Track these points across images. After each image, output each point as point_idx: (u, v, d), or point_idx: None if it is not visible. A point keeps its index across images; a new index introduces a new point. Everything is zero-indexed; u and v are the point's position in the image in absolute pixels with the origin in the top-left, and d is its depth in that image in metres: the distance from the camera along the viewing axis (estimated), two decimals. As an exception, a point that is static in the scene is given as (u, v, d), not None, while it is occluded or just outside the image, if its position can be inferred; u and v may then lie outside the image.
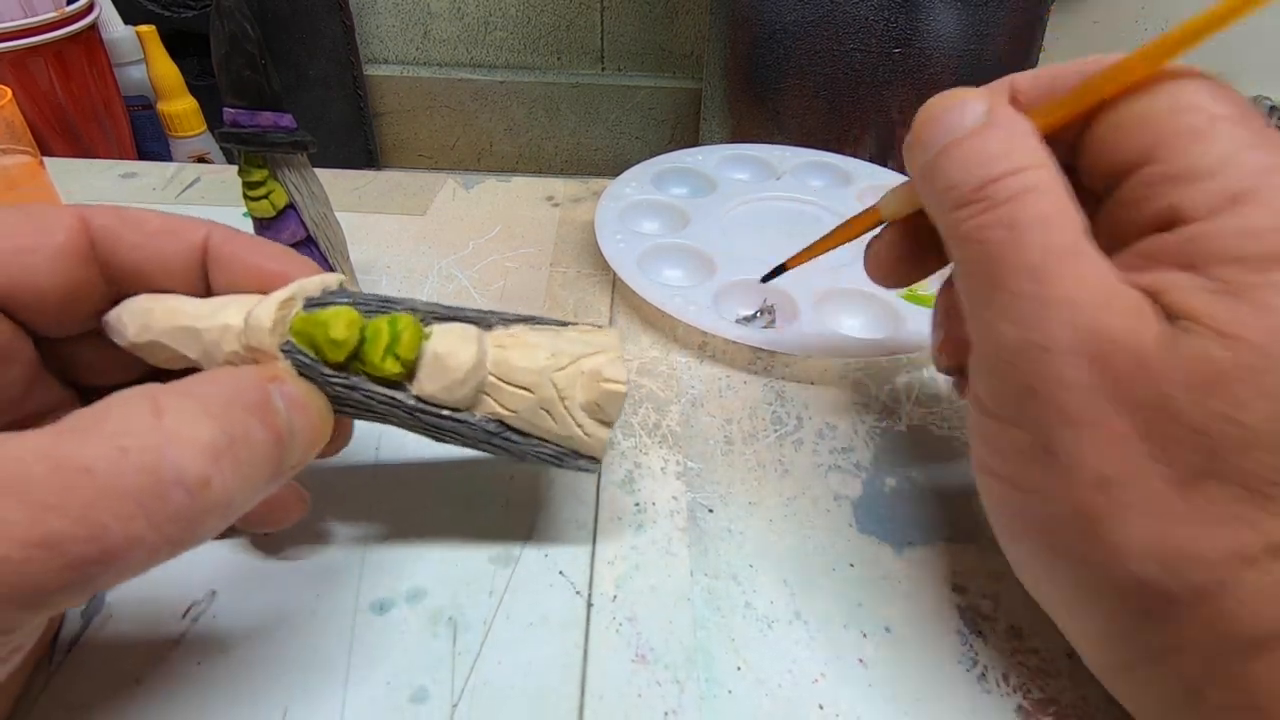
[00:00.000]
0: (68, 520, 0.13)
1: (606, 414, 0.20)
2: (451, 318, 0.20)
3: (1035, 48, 0.87)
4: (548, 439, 0.20)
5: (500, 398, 0.20)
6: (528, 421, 0.20)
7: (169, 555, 0.14)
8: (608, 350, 0.20)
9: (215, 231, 0.19)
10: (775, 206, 0.39)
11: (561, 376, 0.20)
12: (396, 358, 0.18)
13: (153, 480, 0.14)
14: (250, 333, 0.18)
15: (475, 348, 0.19)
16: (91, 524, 0.13)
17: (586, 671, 0.20)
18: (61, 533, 0.13)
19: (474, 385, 0.19)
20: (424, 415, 0.19)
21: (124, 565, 0.13)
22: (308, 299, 0.19)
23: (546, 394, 0.20)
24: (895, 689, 0.20)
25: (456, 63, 1.34)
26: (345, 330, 0.18)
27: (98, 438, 0.14)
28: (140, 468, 0.13)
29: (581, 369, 0.20)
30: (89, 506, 0.13)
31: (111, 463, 0.13)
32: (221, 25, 0.27)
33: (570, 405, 0.20)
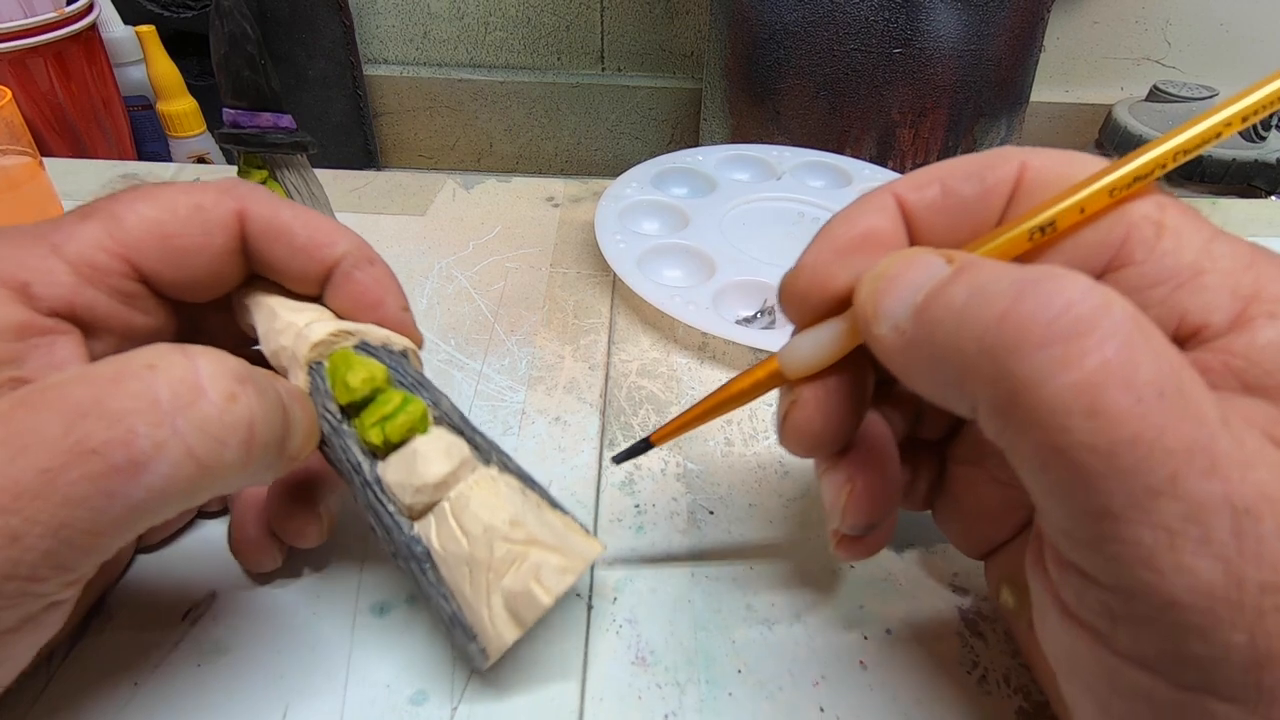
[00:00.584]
0: (100, 424, 0.14)
1: (520, 615, 0.18)
2: (463, 431, 0.20)
3: (1035, 48, 0.87)
4: (455, 599, 0.18)
5: (441, 529, 0.18)
6: (449, 569, 0.18)
7: (195, 480, 0.15)
8: (569, 557, 0.18)
9: (348, 257, 0.21)
10: (775, 207, 0.39)
11: (503, 549, 0.18)
12: (383, 431, 0.19)
13: (183, 389, 0.15)
14: (300, 338, 0.19)
15: (449, 469, 0.18)
16: (122, 428, 0.14)
17: (586, 674, 0.20)
18: (93, 435, 0.14)
19: (426, 499, 0.18)
20: (372, 495, 0.19)
21: (154, 480, 0.14)
22: (364, 343, 0.20)
23: (480, 555, 0.18)
24: (896, 691, 0.20)
25: (456, 63, 1.34)
26: (360, 382, 0.19)
27: (129, 361, 0.15)
28: (169, 380, 0.15)
29: (527, 555, 0.18)
30: (120, 412, 0.14)
31: (141, 378, 0.14)
32: (221, 25, 0.27)
33: (493, 582, 0.18)
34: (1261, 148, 1.01)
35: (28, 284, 0.17)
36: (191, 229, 0.19)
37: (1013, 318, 0.12)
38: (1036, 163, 0.16)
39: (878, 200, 0.17)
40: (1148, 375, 0.12)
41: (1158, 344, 0.12)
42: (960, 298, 0.13)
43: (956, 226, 0.17)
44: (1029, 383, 0.12)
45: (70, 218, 0.18)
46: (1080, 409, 0.12)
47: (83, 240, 0.18)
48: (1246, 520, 0.11)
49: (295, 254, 0.20)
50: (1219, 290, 0.14)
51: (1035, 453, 0.12)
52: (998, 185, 0.16)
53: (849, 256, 0.17)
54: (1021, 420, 0.12)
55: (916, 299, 0.14)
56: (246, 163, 0.30)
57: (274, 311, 0.20)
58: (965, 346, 0.13)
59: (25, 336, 0.16)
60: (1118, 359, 0.12)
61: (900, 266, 0.15)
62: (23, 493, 0.13)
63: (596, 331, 0.32)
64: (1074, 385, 0.12)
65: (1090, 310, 0.12)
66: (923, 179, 0.17)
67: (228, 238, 0.19)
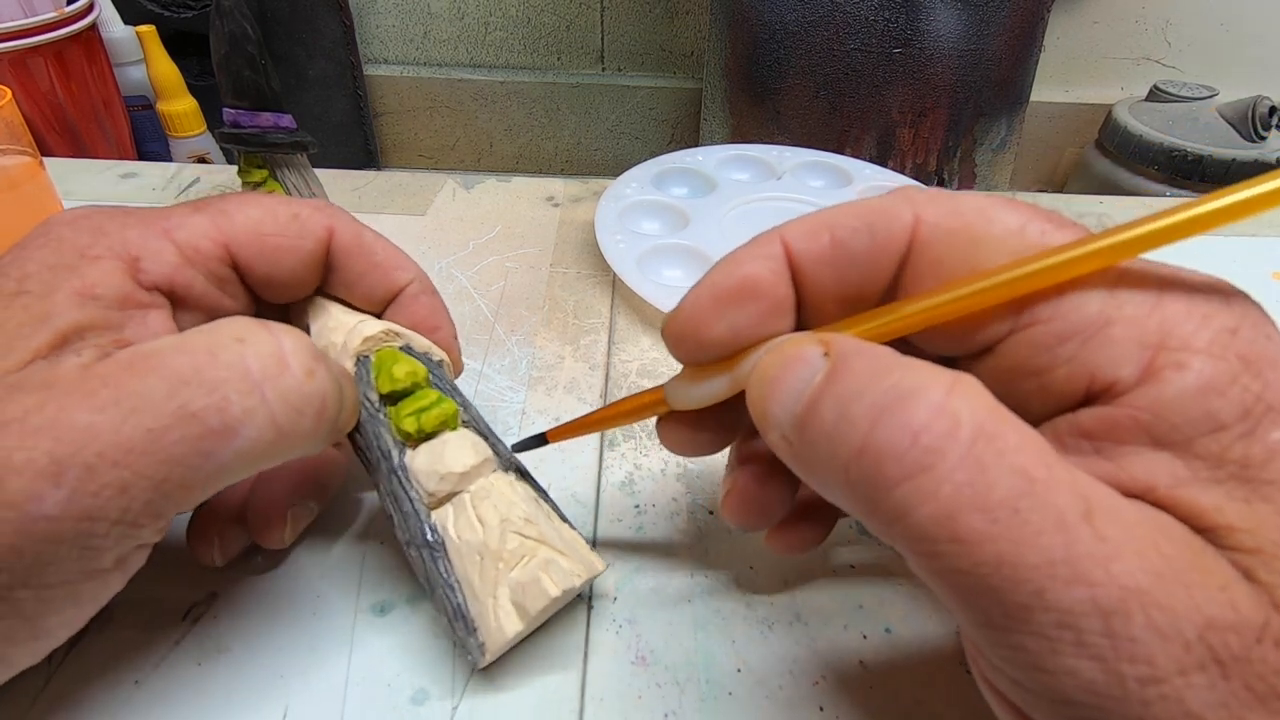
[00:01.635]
0: (200, 391, 0.15)
1: (526, 606, 0.18)
2: (487, 438, 0.21)
3: (1035, 48, 0.87)
4: (461, 591, 0.19)
5: (459, 518, 0.19)
6: (461, 557, 0.19)
7: (274, 444, 0.17)
8: (575, 564, 0.19)
9: (416, 283, 0.23)
10: (775, 207, 0.39)
11: (515, 541, 0.19)
12: (418, 420, 0.20)
13: (270, 362, 0.16)
14: (353, 332, 0.21)
15: (475, 461, 0.20)
16: (219, 395, 0.16)
17: (586, 673, 0.20)
18: (194, 401, 0.15)
19: (449, 488, 0.19)
20: (396, 481, 0.20)
21: (242, 444, 0.16)
22: (408, 346, 0.22)
23: (493, 544, 0.19)
24: (896, 691, 0.20)
25: (456, 63, 1.34)
26: (404, 374, 0.20)
27: (218, 332, 0.17)
28: (258, 353, 0.16)
29: (536, 553, 0.19)
30: (216, 381, 0.16)
31: (233, 350, 0.16)
32: (221, 25, 0.27)
33: (502, 573, 0.18)
34: (1261, 148, 1.01)
35: (139, 259, 0.18)
36: (287, 232, 0.21)
37: (870, 452, 0.13)
38: (931, 218, 0.15)
39: (764, 247, 0.16)
40: (1001, 494, 0.12)
41: (1011, 456, 0.12)
42: (829, 418, 0.14)
43: (845, 280, 0.16)
44: (895, 515, 0.13)
45: (183, 208, 0.20)
46: (943, 537, 0.12)
47: (192, 228, 0.20)
48: (1116, 620, 0.11)
49: (371, 270, 0.22)
50: (1125, 342, 0.14)
51: (922, 570, 0.13)
52: (889, 243, 0.16)
53: (725, 307, 0.16)
54: (901, 543, 0.13)
55: (796, 409, 0.14)
56: (247, 162, 0.30)
57: (330, 312, 0.22)
58: (836, 475, 0.13)
59: (125, 306, 0.18)
60: (969, 484, 0.12)
61: (779, 369, 0.15)
62: (133, 449, 0.15)
63: (596, 331, 0.32)
64: (933, 516, 0.12)
65: (938, 437, 0.12)
66: (814, 226, 0.16)
67: (316, 245, 0.21)
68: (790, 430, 0.14)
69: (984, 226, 0.15)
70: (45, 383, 0.15)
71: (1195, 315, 0.13)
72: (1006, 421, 0.13)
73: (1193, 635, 0.11)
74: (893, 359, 0.14)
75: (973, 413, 0.12)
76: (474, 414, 0.21)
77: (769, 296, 0.16)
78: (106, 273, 0.18)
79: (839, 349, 0.14)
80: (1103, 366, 0.14)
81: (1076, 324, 0.14)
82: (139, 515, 0.15)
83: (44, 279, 0.17)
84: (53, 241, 0.18)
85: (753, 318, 0.16)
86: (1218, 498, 0.13)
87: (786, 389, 0.15)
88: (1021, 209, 0.15)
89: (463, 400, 0.21)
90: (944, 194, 0.16)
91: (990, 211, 0.15)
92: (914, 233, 0.15)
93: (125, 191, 0.41)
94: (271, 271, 0.21)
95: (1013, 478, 0.12)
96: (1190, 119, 1.04)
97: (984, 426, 0.12)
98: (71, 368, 0.16)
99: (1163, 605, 0.11)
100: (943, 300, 0.15)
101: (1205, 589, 0.11)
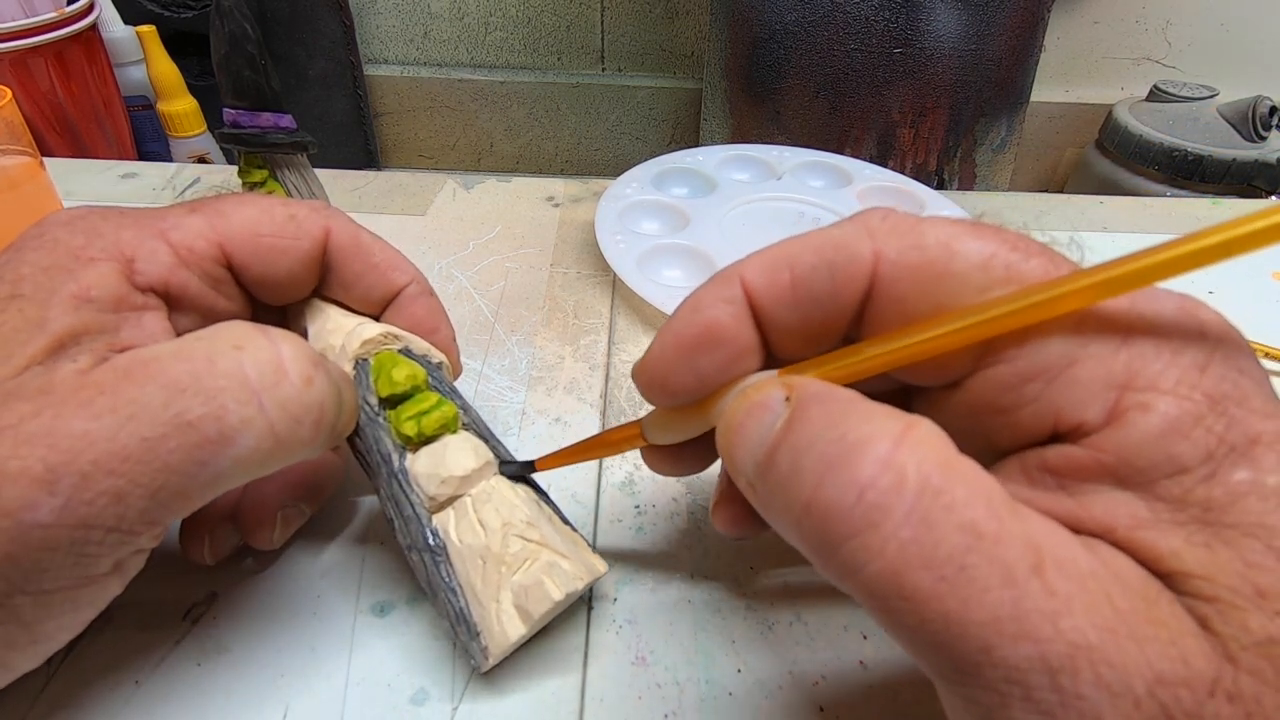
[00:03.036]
0: (197, 400, 0.15)
1: (529, 609, 0.18)
2: (488, 441, 0.21)
3: (1035, 48, 0.87)
4: (463, 595, 0.19)
5: (460, 522, 0.19)
6: (463, 562, 0.19)
7: (272, 453, 0.16)
8: (578, 566, 0.19)
9: (414, 284, 0.23)
10: (775, 207, 0.39)
11: (518, 545, 0.19)
12: (418, 424, 0.20)
13: (268, 370, 0.16)
14: (352, 335, 0.21)
15: (476, 465, 0.20)
16: (215, 404, 0.15)
17: (586, 673, 0.20)
18: (190, 410, 0.15)
19: (450, 491, 0.19)
20: (397, 485, 0.19)
21: (239, 452, 0.16)
22: (407, 348, 0.22)
23: (495, 548, 0.19)
24: (896, 691, 0.20)
25: (456, 63, 1.34)
26: (404, 378, 0.20)
27: (216, 339, 0.17)
28: (255, 361, 0.16)
29: (538, 556, 0.19)
30: (214, 390, 0.16)
31: (231, 357, 0.16)
32: (221, 25, 0.27)
33: (505, 576, 0.18)
34: (1261, 148, 1.01)
35: (133, 260, 0.18)
36: (284, 232, 0.21)
37: (818, 507, 0.13)
38: (891, 253, 0.15)
39: (723, 289, 0.16)
40: (947, 550, 0.12)
41: (960, 511, 0.12)
42: (784, 470, 0.13)
43: (808, 319, 0.16)
44: (844, 571, 0.12)
45: (179, 209, 0.20)
46: (892, 594, 0.12)
47: (187, 229, 0.19)
48: (1064, 677, 0.11)
49: (369, 272, 0.22)
50: (1090, 382, 0.13)
51: (880, 621, 0.13)
52: (849, 282, 0.15)
53: (689, 355, 0.16)
54: (856, 596, 0.13)
55: (758, 457, 0.14)
56: (247, 163, 0.30)
57: (328, 314, 0.22)
58: (791, 527, 0.13)
59: (120, 309, 0.18)
60: (914, 541, 0.12)
61: (743, 416, 0.15)
62: (129, 457, 0.15)
63: (596, 331, 0.32)
64: (880, 574, 0.12)
65: (883, 494, 0.12)
66: (772, 262, 0.16)
67: (312, 245, 0.21)
68: (754, 478, 0.14)
69: (946, 262, 0.15)
70: (41, 389, 0.15)
71: (1164, 353, 0.13)
72: (955, 473, 0.12)
73: (1143, 691, 0.11)
74: (849, 406, 0.13)
75: (919, 465, 0.12)
76: (474, 416, 0.21)
77: (732, 343, 0.16)
78: (101, 275, 0.17)
79: (800, 394, 0.14)
80: (1068, 408, 0.13)
81: (1040, 363, 0.14)
82: (134, 523, 0.15)
83: (38, 282, 0.17)
84: (47, 243, 0.18)
85: (718, 364, 0.16)
86: (1177, 542, 0.12)
87: (749, 436, 0.14)
88: (988, 238, 0.14)
89: (463, 403, 0.21)
90: (906, 222, 0.15)
91: (954, 244, 0.15)
92: (875, 269, 0.15)
93: (125, 191, 0.41)
94: (267, 272, 0.21)
95: (959, 534, 0.12)
96: (1190, 119, 1.04)
97: (930, 480, 0.12)
98: (68, 374, 0.16)
99: (1112, 661, 0.11)
100: (904, 344, 0.15)
101: (1157, 643, 0.11)
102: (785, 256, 0.16)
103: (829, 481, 0.12)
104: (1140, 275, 0.13)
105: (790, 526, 0.13)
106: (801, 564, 0.23)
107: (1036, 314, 0.13)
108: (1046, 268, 0.14)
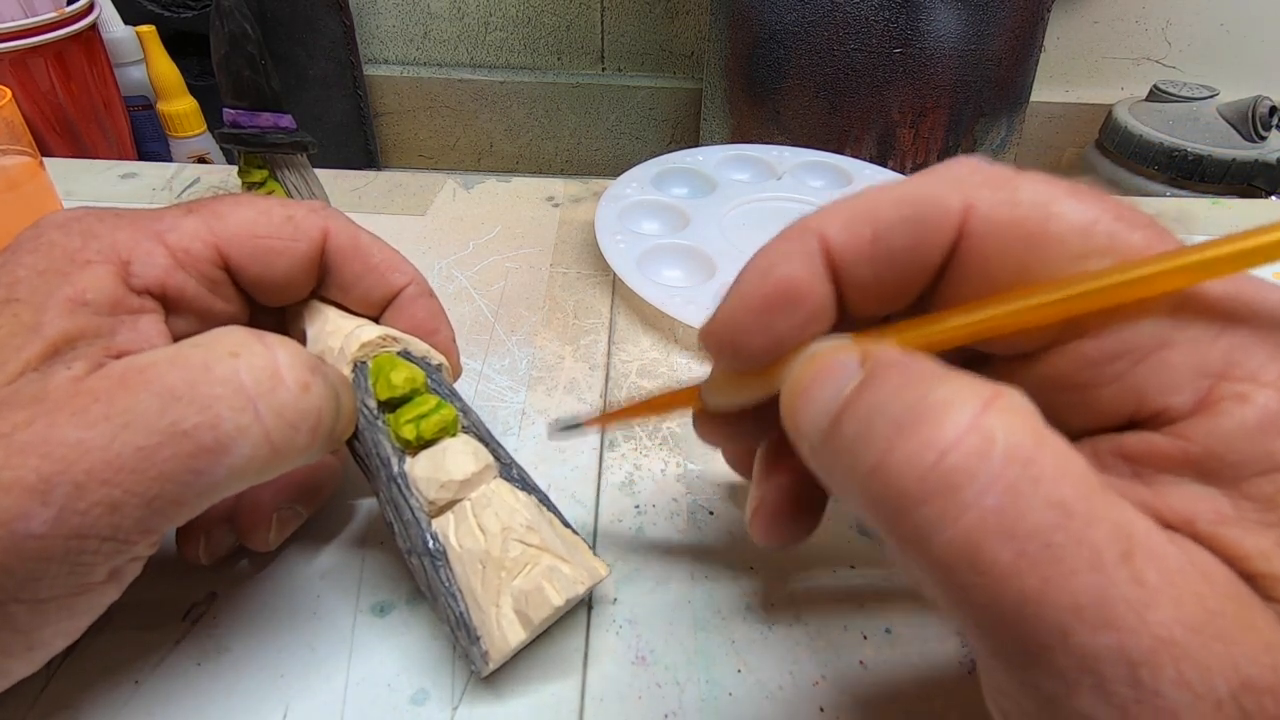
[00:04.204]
0: (193, 408, 0.15)
1: (529, 615, 0.18)
2: (488, 443, 0.21)
3: (1035, 48, 0.87)
4: (463, 600, 0.18)
5: (460, 526, 0.19)
6: (463, 566, 0.19)
7: (268, 461, 0.16)
8: (579, 571, 0.19)
9: (413, 285, 0.23)
10: (775, 207, 0.39)
11: (518, 549, 0.19)
12: (417, 428, 0.20)
13: (264, 376, 0.16)
14: (350, 337, 0.21)
15: (476, 469, 0.19)
16: (210, 413, 0.15)
17: (587, 673, 0.20)
18: (185, 419, 0.15)
19: (449, 495, 0.19)
20: (396, 489, 0.19)
21: (235, 460, 0.16)
22: (406, 350, 0.22)
23: (495, 553, 0.18)
24: (896, 691, 0.20)
25: (456, 63, 1.34)
26: (402, 380, 0.20)
27: (212, 346, 0.16)
28: (251, 367, 0.16)
29: (539, 560, 0.19)
30: (209, 398, 0.15)
31: (227, 364, 0.16)
32: (221, 25, 0.27)
33: (505, 581, 0.18)
34: (1261, 148, 1.01)
35: (129, 263, 0.18)
36: (281, 234, 0.20)
37: (888, 469, 0.12)
38: (984, 208, 0.14)
39: (799, 242, 0.15)
40: (1032, 524, 0.11)
41: (1048, 485, 0.11)
42: (854, 429, 0.12)
43: (885, 277, 0.15)
44: (912, 538, 0.12)
45: (176, 210, 0.20)
46: (965, 566, 0.11)
47: (184, 230, 0.19)
48: (1144, 671, 0.10)
49: (368, 273, 0.22)
50: (1182, 368, 0.12)
51: (940, 598, 0.12)
52: (935, 238, 0.14)
53: (764, 315, 0.15)
54: (920, 569, 0.12)
55: (823, 423, 0.13)
56: (247, 163, 0.30)
57: (327, 316, 0.22)
58: (856, 492, 0.12)
59: (116, 312, 0.17)
60: (996, 511, 0.11)
61: (809, 378, 0.14)
62: (123, 467, 0.14)
63: (596, 332, 0.32)
64: (953, 541, 0.11)
65: (966, 457, 0.11)
66: (853, 216, 0.15)
67: (310, 246, 0.21)
68: (818, 443, 0.13)
69: (1042, 222, 0.13)
70: (35, 397, 0.15)
71: (1267, 345, 0.12)
72: (1047, 444, 0.11)
73: (1225, 695, 0.10)
74: (929, 371, 0.12)
75: (1008, 433, 0.11)
76: (474, 419, 0.21)
77: (809, 301, 0.15)
78: (97, 278, 0.17)
79: (876, 358, 0.13)
80: (1153, 391, 0.13)
81: (1129, 342, 0.13)
82: (130, 532, 0.15)
83: (34, 285, 0.17)
84: (43, 246, 0.17)
85: (794, 324, 0.15)
86: (1266, 544, 0.12)
87: (816, 400, 0.13)
88: (1090, 202, 0.13)
89: (462, 405, 0.21)
90: (1000, 175, 0.14)
91: (1053, 205, 0.13)
92: (963, 224, 0.14)
93: (125, 191, 0.41)
94: (264, 274, 0.20)
95: (1048, 509, 0.11)
96: (1190, 119, 1.04)
97: (1020, 449, 0.11)
98: (62, 381, 0.15)
99: (1197, 661, 0.10)
100: (991, 314, 0.14)
101: (1246, 646, 0.11)
102: (867, 209, 0.15)
103: (905, 442, 0.12)
104: (1248, 255, 0.12)
105: (856, 490, 0.12)
106: (802, 566, 0.23)
107: (1137, 290, 0.12)
108: (1151, 241, 0.13)
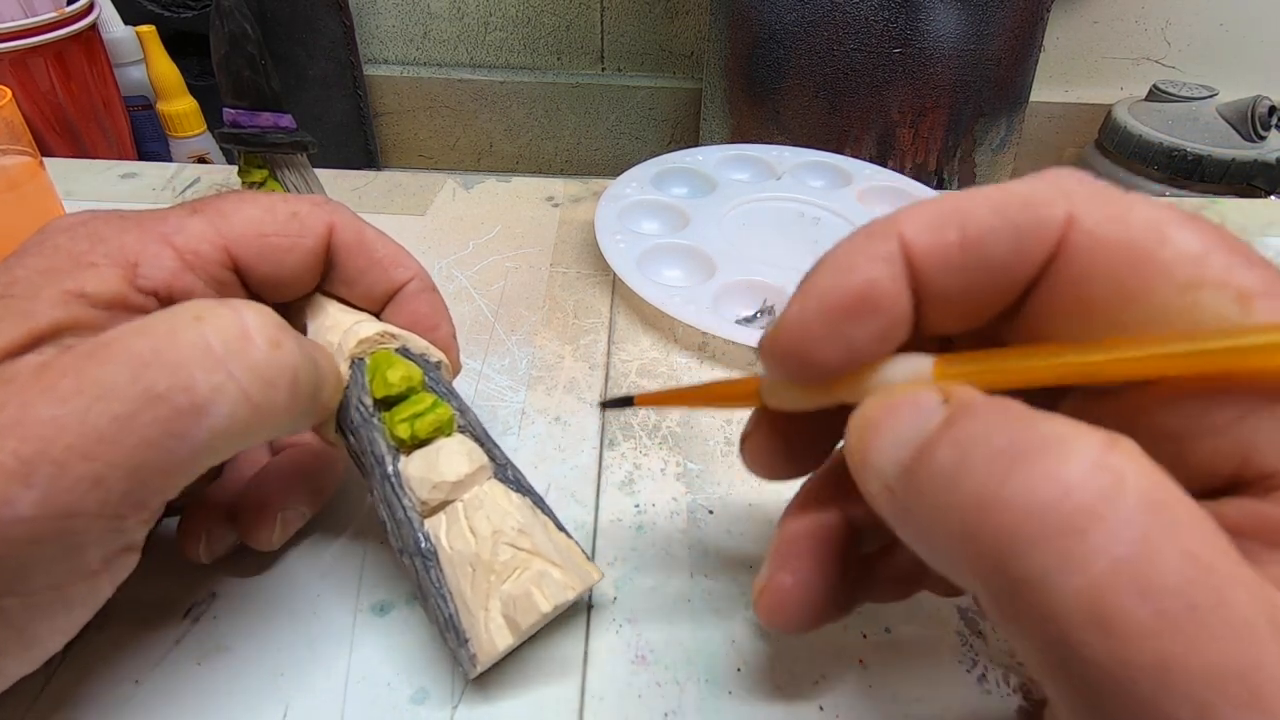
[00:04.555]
0: (163, 372, 0.15)
1: (515, 620, 0.18)
2: (483, 444, 0.21)
3: (1035, 48, 0.87)
4: (453, 602, 0.18)
5: (451, 527, 0.19)
6: (453, 568, 0.18)
7: (251, 420, 0.16)
8: (570, 576, 0.19)
9: (416, 281, 0.23)
10: (775, 207, 0.39)
11: (508, 553, 0.18)
12: (411, 427, 0.19)
13: (232, 337, 0.16)
14: (348, 333, 0.21)
15: (469, 470, 0.19)
16: (182, 374, 0.15)
17: (586, 673, 0.20)
18: (157, 383, 0.15)
19: (442, 496, 0.19)
20: (390, 488, 0.19)
21: (215, 421, 0.15)
22: (405, 348, 0.21)
23: (485, 556, 0.18)
24: (895, 690, 0.20)
25: (456, 63, 1.34)
26: (399, 378, 0.20)
27: (177, 314, 0.16)
28: (218, 329, 0.16)
29: (529, 565, 0.18)
30: (178, 361, 0.15)
31: (193, 328, 0.16)
32: (221, 25, 0.27)
33: (494, 585, 0.18)
34: (1261, 148, 1.01)
35: (137, 265, 0.18)
36: (287, 230, 0.20)
37: (1001, 505, 0.10)
38: (1088, 222, 0.13)
39: (879, 243, 0.14)
40: (1173, 580, 0.09)
41: (1187, 536, 0.10)
42: (947, 463, 0.11)
43: (971, 288, 0.13)
44: (1024, 583, 0.10)
45: (180, 211, 0.20)
46: (1088, 621, 0.10)
47: (191, 232, 0.19)
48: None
49: (371, 267, 0.22)
50: None
51: (1040, 660, 0.10)
52: (1033, 248, 0.13)
53: (839, 323, 0.14)
54: (1021, 622, 0.10)
55: (903, 456, 0.12)
56: (247, 163, 0.30)
57: (327, 310, 0.22)
58: (951, 531, 0.11)
59: (116, 309, 0.17)
60: (1132, 560, 0.09)
61: (883, 413, 0.13)
62: (102, 438, 0.14)
63: (596, 331, 0.32)
64: (1078, 592, 0.10)
65: (1095, 497, 0.10)
66: (940, 217, 0.13)
67: (316, 242, 0.21)
68: (895, 479, 0.12)
69: (1154, 246, 0.12)
70: (3, 380, 0.15)
71: None
72: (1174, 492, 0.10)
73: None
74: (1029, 410, 0.11)
75: (1138, 475, 0.10)
76: (471, 418, 0.21)
77: (890, 310, 0.13)
78: (101, 277, 0.17)
79: (961, 397, 0.12)
80: (1262, 450, 0.11)
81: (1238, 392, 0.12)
82: (119, 506, 0.15)
83: (32, 282, 0.17)
84: (48, 249, 0.17)
85: (872, 334, 0.14)
86: None
87: (894, 433, 0.12)
88: (1203, 232, 0.12)
89: (460, 404, 0.21)
90: (1109, 191, 0.13)
91: (1164, 228, 0.12)
92: (1064, 236, 0.13)
93: (125, 191, 0.42)
94: (273, 271, 0.20)
95: (1186, 564, 0.09)
96: (1190, 119, 1.04)
97: (1152, 493, 0.10)
98: (29, 364, 0.15)
99: None
100: (1106, 359, 0.12)
101: None
102: (955, 212, 0.13)
103: (1020, 474, 0.10)
104: None
105: (948, 532, 0.11)
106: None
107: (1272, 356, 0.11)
108: (1270, 281, 0.12)
